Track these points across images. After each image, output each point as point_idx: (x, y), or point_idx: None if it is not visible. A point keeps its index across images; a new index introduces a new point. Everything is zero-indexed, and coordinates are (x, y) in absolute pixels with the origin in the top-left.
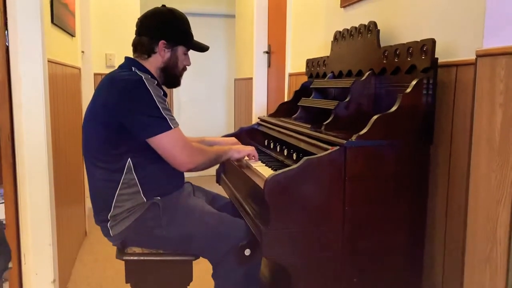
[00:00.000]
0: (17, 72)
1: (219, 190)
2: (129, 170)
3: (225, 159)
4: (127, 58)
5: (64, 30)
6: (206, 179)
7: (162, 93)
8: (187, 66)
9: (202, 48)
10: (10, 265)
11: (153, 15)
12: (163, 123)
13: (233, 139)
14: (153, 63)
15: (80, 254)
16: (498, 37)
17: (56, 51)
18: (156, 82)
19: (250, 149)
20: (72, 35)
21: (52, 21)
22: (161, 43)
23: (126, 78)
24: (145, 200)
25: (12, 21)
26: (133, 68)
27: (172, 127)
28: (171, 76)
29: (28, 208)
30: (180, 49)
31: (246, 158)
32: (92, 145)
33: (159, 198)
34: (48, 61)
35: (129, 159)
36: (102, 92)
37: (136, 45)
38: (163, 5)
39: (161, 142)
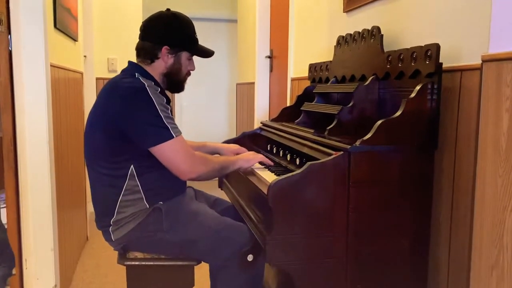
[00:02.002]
0: (20, 76)
1: (221, 195)
2: (132, 177)
3: (232, 170)
4: (130, 63)
5: (67, 35)
6: (208, 184)
7: (165, 100)
8: (191, 71)
9: (207, 53)
10: (13, 271)
11: (157, 19)
12: (165, 132)
13: (235, 145)
14: (157, 68)
15: (82, 259)
16: (504, 42)
17: (59, 56)
18: (159, 89)
19: (260, 158)
20: (74, 39)
21: (55, 26)
22: (164, 48)
23: (128, 86)
24: (147, 206)
25: (15, 25)
26: (136, 74)
27: (174, 136)
28: (175, 82)
29: (30, 213)
30: (184, 55)
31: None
32: (94, 151)
33: (161, 203)
34: (51, 65)
35: (131, 166)
36: (105, 98)
37: (139, 50)
38: (168, 9)
39: (162, 152)
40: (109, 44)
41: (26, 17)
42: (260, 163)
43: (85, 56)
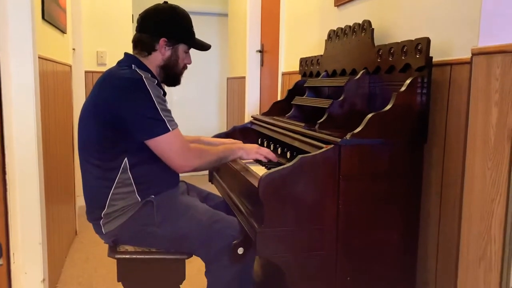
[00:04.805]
0: (7, 68)
1: (211, 189)
2: (125, 170)
3: (232, 159)
4: (126, 54)
5: (55, 27)
6: (198, 178)
7: (162, 93)
8: (187, 65)
9: (204, 46)
10: (1, 261)
11: (155, 11)
12: (161, 125)
13: (230, 140)
14: (153, 61)
15: (70, 253)
16: (494, 36)
17: (47, 48)
18: (156, 81)
19: (261, 156)
20: (63, 31)
21: (43, 17)
22: (162, 40)
23: (125, 77)
24: (139, 199)
25: (2, 16)
26: (133, 65)
27: (170, 129)
28: (171, 75)
29: (17, 207)
30: (181, 47)
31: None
32: (88, 142)
33: (153, 196)
34: (39, 57)
35: (125, 158)
36: (100, 89)
37: (136, 42)
38: (165, 2)
39: (158, 144)
40: (98, 37)
41: (13, 8)
42: (259, 161)
43: (73, 49)
